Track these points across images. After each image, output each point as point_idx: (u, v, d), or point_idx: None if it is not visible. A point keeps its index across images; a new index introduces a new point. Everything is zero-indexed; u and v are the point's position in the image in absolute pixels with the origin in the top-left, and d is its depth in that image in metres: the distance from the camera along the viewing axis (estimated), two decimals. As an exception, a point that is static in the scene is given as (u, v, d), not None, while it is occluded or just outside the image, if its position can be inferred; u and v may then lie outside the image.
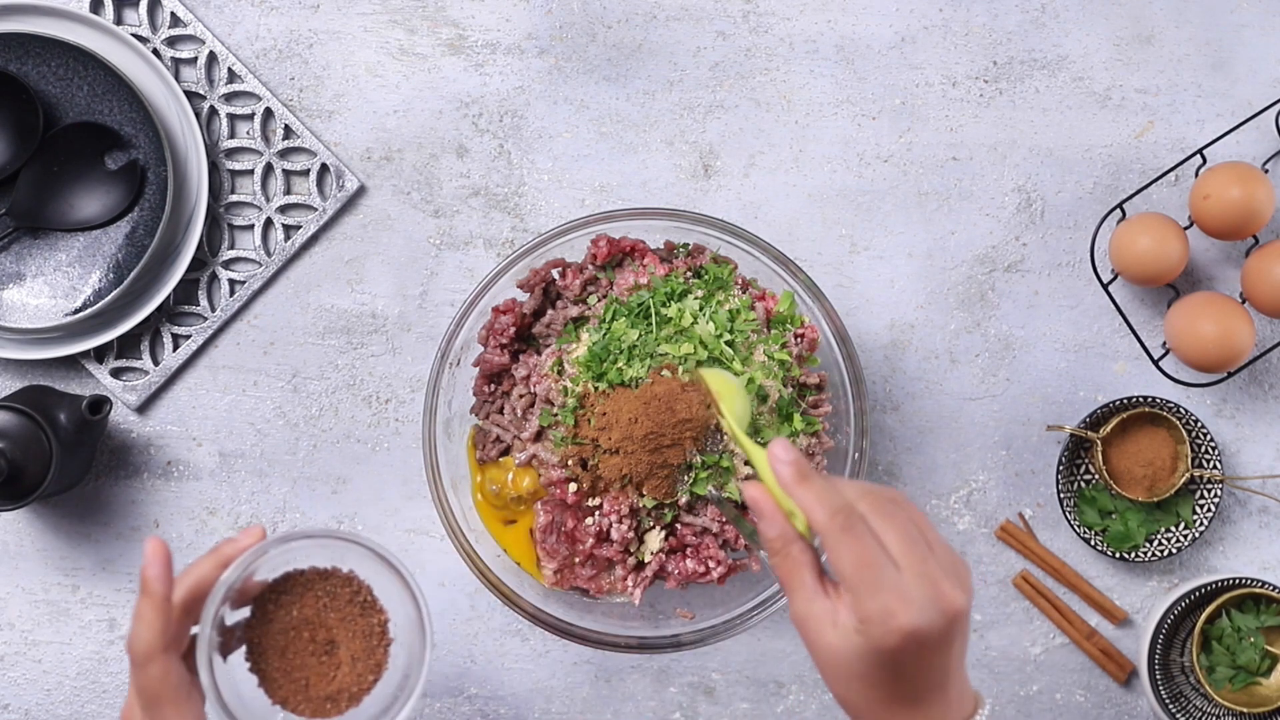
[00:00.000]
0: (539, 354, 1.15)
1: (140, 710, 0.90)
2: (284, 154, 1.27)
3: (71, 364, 1.27)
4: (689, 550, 1.12)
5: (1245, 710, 1.21)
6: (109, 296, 1.22)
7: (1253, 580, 1.22)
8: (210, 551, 0.92)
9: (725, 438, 1.10)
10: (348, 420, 1.27)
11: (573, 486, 1.11)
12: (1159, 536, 1.26)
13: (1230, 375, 1.26)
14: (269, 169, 1.27)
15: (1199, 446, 1.25)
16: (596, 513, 1.11)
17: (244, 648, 0.95)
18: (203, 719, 0.91)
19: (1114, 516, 1.26)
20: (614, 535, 1.11)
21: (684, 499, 1.10)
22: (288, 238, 1.27)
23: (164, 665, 0.89)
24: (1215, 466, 1.25)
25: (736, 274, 1.16)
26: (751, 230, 1.23)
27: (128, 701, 0.92)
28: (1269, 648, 1.23)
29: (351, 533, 0.95)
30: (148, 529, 1.27)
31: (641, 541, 1.12)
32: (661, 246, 1.18)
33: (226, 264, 1.27)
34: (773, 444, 0.88)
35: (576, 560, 1.13)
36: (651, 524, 1.12)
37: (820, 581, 0.86)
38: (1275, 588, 1.21)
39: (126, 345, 1.27)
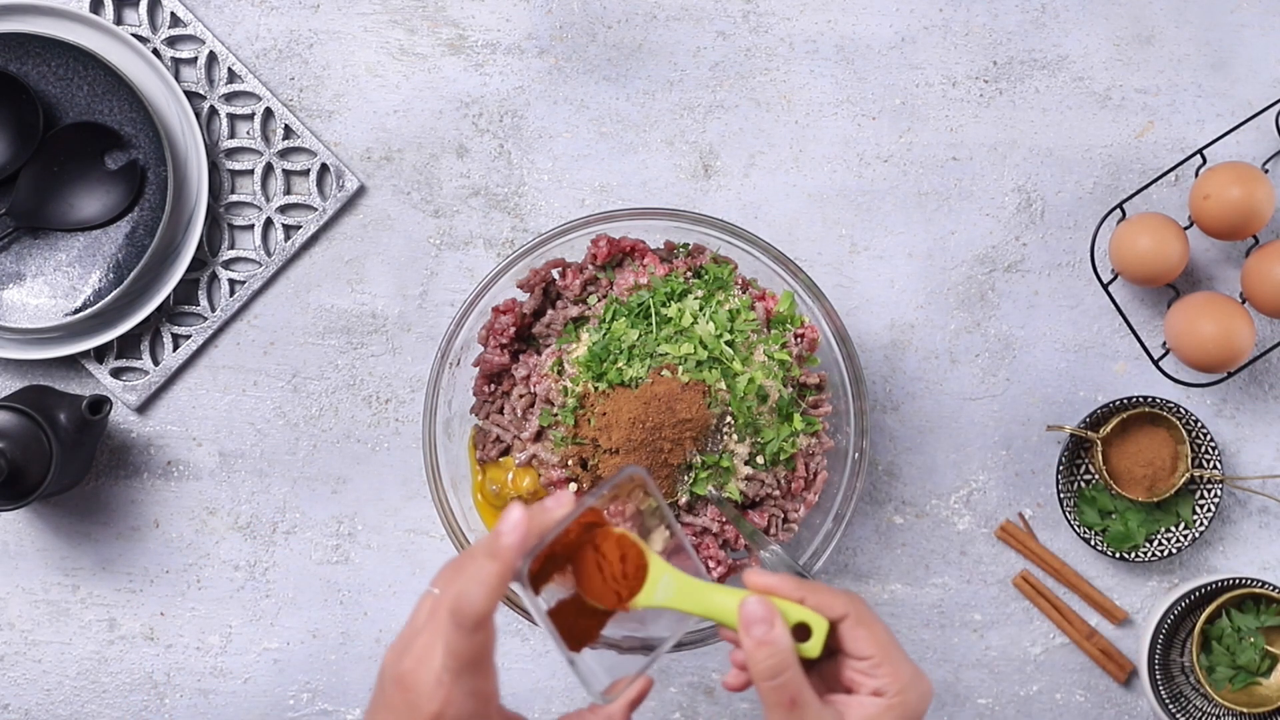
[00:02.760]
0: (539, 354, 1.15)
1: (449, 674, 0.85)
2: (284, 154, 1.27)
3: (71, 364, 1.28)
4: (689, 550, 1.12)
5: (1245, 710, 1.21)
6: (109, 296, 1.22)
7: (1253, 580, 1.22)
8: (522, 520, 0.88)
9: (724, 438, 1.10)
10: (348, 420, 1.27)
11: (573, 486, 1.11)
12: (1159, 536, 1.26)
13: (1230, 375, 1.26)
14: (269, 169, 1.27)
15: (1199, 446, 1.25)
16: (596, 513, 1.11)
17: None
18: (494, 689, 0.89)
19: (1114, 516, 1.26)
20: (614, 535, 1.11)
21: (684, 499, 1.10)
22: (288, 238, 1.27)
23: (489, 631, 0.86)
24: (1215, 466, 1.25)
25: (736, 274, 1.16)
26: (751, 230, 1.23)
27: (417, 659, 0.86)
28: (1269, 648, 1.23)
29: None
30: (148, 529, 1.27)
31: (641, 541, 1.12)
32: (661, 246, 1.18)
33: (226, 264, 1.27)
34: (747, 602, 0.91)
35: (576, 560, 1.13)
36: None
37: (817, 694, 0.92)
38: (1275, 588, 1.21)
39: (126, 345, 1.27)
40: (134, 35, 1.26)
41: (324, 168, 1.27)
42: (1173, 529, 1.26)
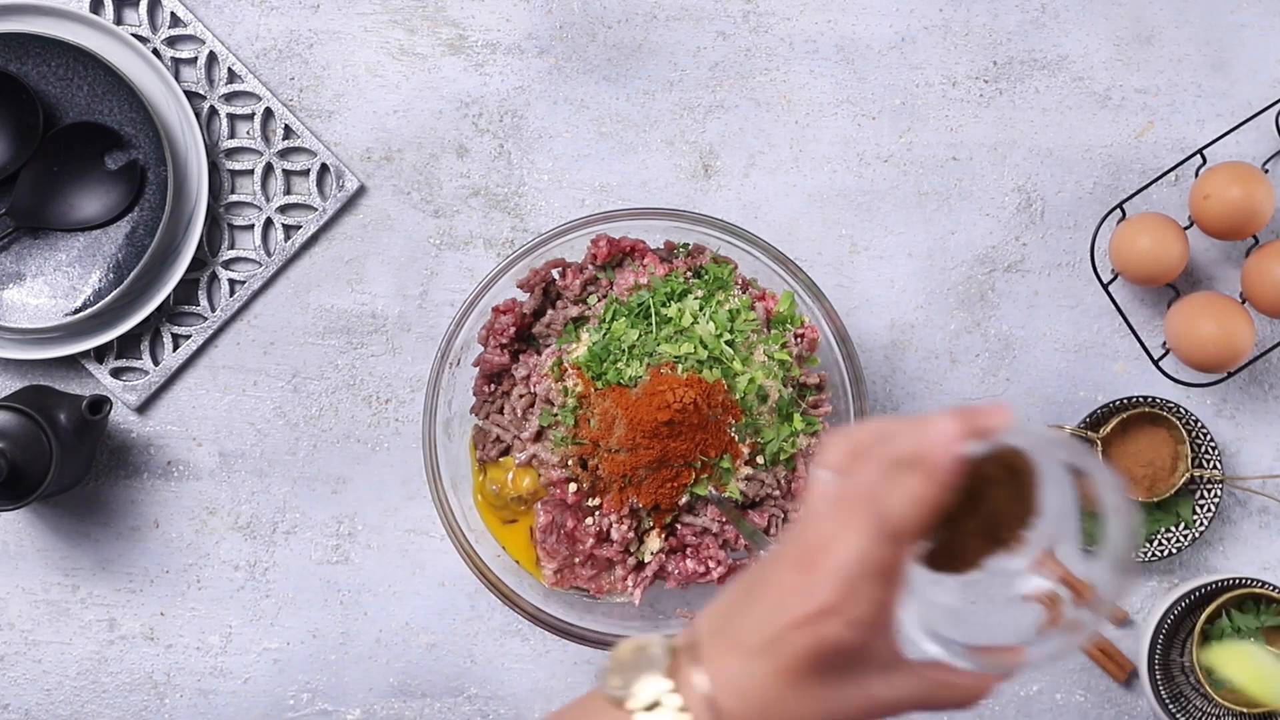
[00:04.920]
0: (539, 354, 1.15)
1: (858, 577, 0.72)
2: (284, 154, 1.27)
3: (71, 364, 1.27)
4: (689, 550, 1.12)
5: (1245, 710, 1.21)
6: (109, 296, 1.22)
7: (1253, 580, 1.22)
8: (959, 434, 0.73)
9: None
10: (348, 420, 1.27)
11: (573, 486, 1.11)
12: (1159, 536, 1.26)
13: (1230, 375, 1.26)
14: (269, 169, 1.27)
15: (1199, 446, 1.25)
16: (596, 513, 1.11)
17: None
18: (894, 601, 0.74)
19: (1114, 516, 1.26)
20: (614, 535, 1.11)
21: (684, 499, 1.10)
22: (288, 238, 1.27)
23: (903, 553, 0.73)
24: (1215, 466, 1.25)
25: (736, 274, 1.16)
26: (751, 230, 1.23)
27: (820, 540, 0.72)
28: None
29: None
30: (148, 529, 1.27)
31: (641, 542, 1.12)
32: (661, 246, 1.18)
33: (226, 264, 1.27)
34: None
35: (576, 560, 1.13)
36: (651, 524, 1.12)
37: None
38: (1275, 588, 1.21)
39: (126, 345, 1.27)
40: (134, 35, 1.26)
41: (324, 168, 1.27)
42: (1173, 529, 1.26)
